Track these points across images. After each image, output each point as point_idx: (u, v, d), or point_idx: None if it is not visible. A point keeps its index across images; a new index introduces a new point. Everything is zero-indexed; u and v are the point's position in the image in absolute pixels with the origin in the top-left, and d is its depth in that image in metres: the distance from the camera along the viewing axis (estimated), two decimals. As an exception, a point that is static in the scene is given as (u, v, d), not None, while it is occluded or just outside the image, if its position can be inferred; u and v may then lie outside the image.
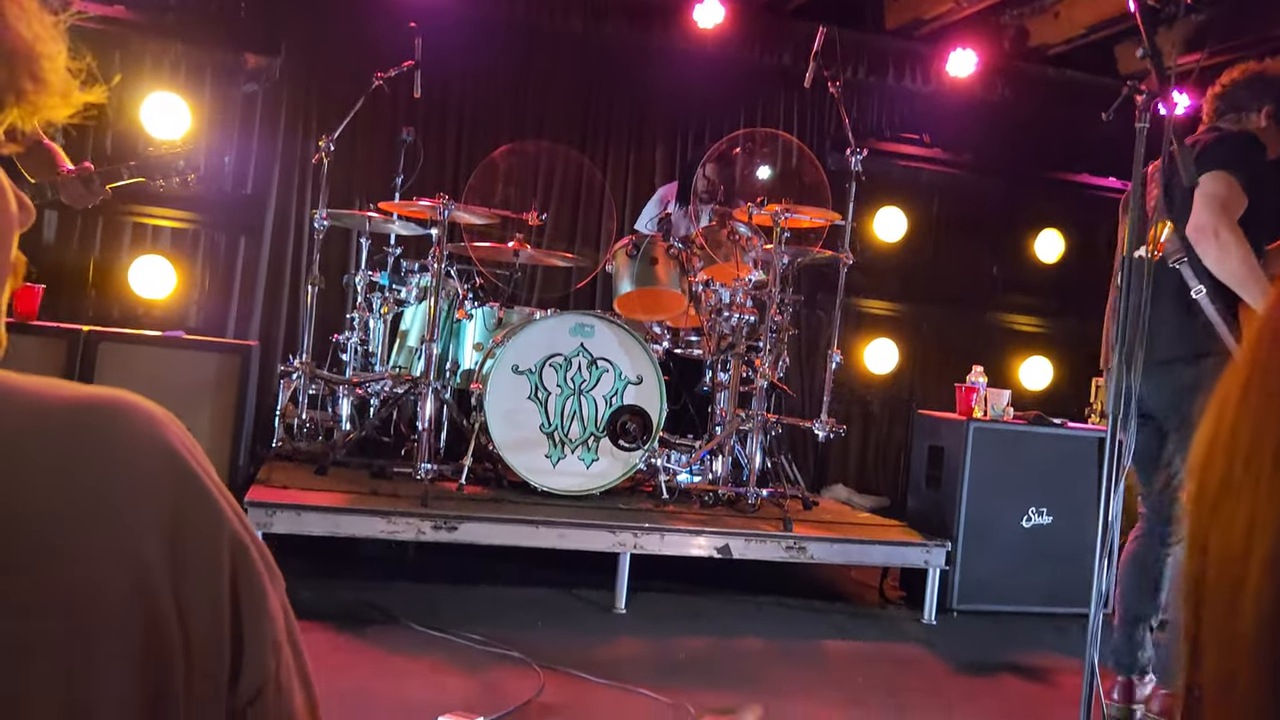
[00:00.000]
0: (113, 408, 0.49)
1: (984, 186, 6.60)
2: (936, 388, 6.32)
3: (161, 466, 0.49)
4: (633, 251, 4.66)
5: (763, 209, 4.48)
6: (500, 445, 4.15)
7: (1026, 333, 6.87)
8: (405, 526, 3.69)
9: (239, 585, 0.49)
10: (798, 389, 6.05)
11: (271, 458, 4.53)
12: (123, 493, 0.47)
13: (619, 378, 4.31)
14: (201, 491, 0.50)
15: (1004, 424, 4.44)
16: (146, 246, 5.48)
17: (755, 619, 4.04)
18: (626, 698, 2.91)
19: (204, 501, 0.49)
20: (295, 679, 0.52)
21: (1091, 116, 2.75)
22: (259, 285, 5.62)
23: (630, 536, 3.88)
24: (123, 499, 0.47)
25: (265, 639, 0.50)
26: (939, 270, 6.66)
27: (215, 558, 0.49)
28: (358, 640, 3.22)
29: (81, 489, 0.46)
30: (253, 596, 0.50)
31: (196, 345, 4.15)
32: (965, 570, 4.29)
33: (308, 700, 0.53)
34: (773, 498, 4.46)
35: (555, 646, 3.27)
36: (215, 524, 0.49)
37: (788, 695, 3.11)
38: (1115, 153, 5.61)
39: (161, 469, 0.49)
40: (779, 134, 5.19)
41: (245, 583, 0.50)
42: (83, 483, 0.46)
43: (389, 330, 5.04)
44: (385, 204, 4.77)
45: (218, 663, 0.48)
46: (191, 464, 0.50)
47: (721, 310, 4.63)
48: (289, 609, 0.54)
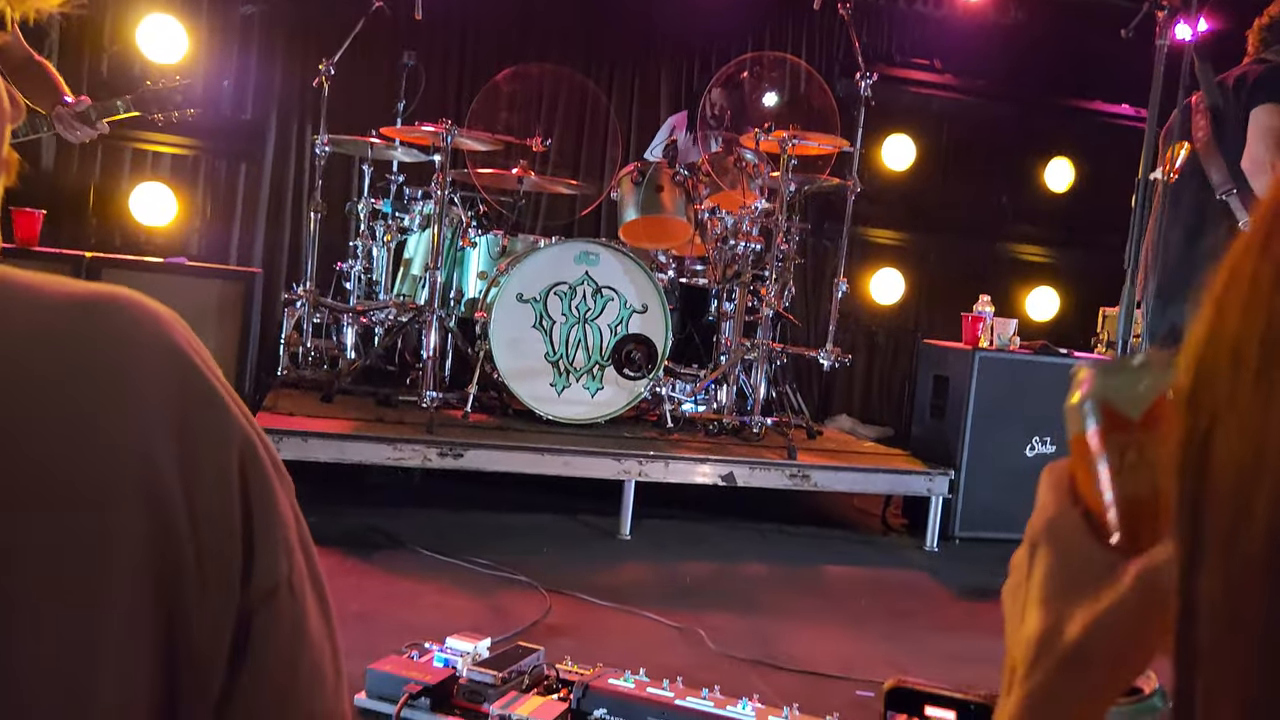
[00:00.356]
0: (116, 305, 0.48)
1: (995, 113, 6.50)
2: (943, 318, 6.29)
3: (168, 365, 0.48)
4: (638, 179, 4.60)
5: (770, 135, 4.42)
6: (505, 374, 4.15)
7: (1034, 263, 6.82)
8: (411, 453, 3.71)
9: (249, 486, 0.48)
10: (803, 318, 6.03)
11: (277, 385, 4.54)
12: (129, 393, 0.46)
13: (624, 306, 4.29)
14: (209, 391, 0.48)
15: (1010, 353, 4.43)
16: (147, 173, 5.43)
17: (759, 545, 4.08)
18: (632, 620, 2.95)
19: (212, 401, 0.48)
20: (307, 581, 0.52)
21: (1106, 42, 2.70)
22: (261, 212, 5.57)
23: (635, 464, 3.90)
24: (129, 399, 0.46)
25: (277, 540, 0.50)
26: (947, 199, 6.59)
27: (224, 458, 0.48)
28: (365, 564, 3.26)
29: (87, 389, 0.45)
30: (263, 497, 0.49)
31: (199, 272, 4.13)
32: (968, 498, 4.32)
33: (320, 602, 0.53)
34: (777, 427, 4.47)
35: (561, 571, 3.30)
36: (224, 424, 0.48)
37: (790, 618, 3.15)
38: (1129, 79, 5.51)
39: (168, 368, 0.47)
40: (787, 58, 5.09)
41: (255, 483, 0.49)
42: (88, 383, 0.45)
43: (392, 258, 5.01)
44: (387, 129, 4.71)
45: (229, 563, 0.47)
46: (198, 363, 0.49)
47: (727, 238, 4.59)
48: (299, 512, 0.53)
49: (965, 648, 3.01)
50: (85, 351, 0.46)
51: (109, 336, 0.46)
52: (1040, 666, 0.50)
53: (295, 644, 0.50)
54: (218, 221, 5.55)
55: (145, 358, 0.47)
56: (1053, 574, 0.52)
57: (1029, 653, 0.51)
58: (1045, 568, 0.53)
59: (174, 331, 0.49)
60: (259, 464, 0.49)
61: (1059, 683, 0.50)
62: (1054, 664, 0.50)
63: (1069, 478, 0.56)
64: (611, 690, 2.10)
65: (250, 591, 0.48)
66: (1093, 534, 0.54)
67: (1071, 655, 0.49)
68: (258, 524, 0.49)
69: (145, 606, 0.45)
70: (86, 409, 0.45)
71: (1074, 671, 0.49)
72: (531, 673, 2.26)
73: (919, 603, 3.51)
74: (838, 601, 3.43)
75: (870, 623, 3.20)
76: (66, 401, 0.44)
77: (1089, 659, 0.49)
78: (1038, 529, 0.55)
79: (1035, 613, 0.52)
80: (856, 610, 3.33)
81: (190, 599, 0.46)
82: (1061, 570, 0.52)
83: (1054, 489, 0.56)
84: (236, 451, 0.48)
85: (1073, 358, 4.49)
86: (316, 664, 0.51)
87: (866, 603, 3.42)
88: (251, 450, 0.49)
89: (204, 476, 0.47)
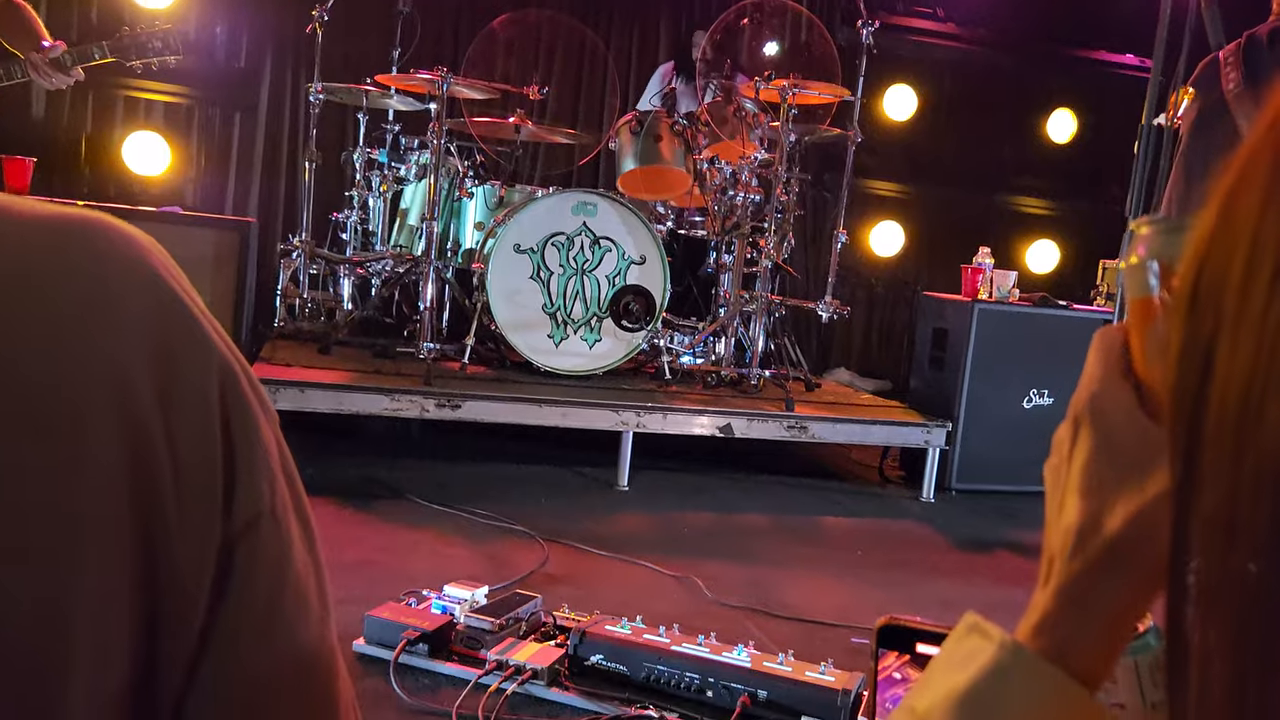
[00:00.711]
0: (91, 228, 0.46)
1: (997, 63, 6.43)
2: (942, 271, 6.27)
3: (145, 290, 0.46)
4: (636, 128, 4.56)
5: (770, 84, 4.36)
6: (503, 325, 4.14)
7: (1035, 215, 6.79)
8: (409, 404, 3.71)
9: (229, 413, 0.47)
10: (802, 270, 6.01)
11: (274, 337, 4.53)
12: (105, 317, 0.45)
13: (622, 257, 4.26)
14: (187, 314, 0.47)
15: (1009, 305, 4.42)
16: (139, 122, 5.37)
17: (756, 496, 4.09)
18: (629, 569, 2.96)
19: (189, 324, 0.47)
20: (291, 511, 0.51)
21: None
22: (256, 162, 5.52)
23: (633, 416, 3.90)
24: (105, 323, 0.44)
25: (259, 469, 0.49)
26: (948, 151, 6.53)
27: (204, 384, 0.47)
28: (363, 514, 3.27)
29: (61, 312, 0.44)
30: (244, 424, 0.48)
31: (194, 221, 4.09)
32: (965, 450, 4.33)
33: (304, 531, 0.52)
34: (775, 379, 4.47)
35: (558, 521, 3.32)
36: (203, 349, 0.47)
37: (787, 567, 3.17)
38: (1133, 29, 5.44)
39: (145, 292, 0.46)
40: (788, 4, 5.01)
41: (235, 410, 0.48)
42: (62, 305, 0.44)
43: (389, 209, 4.97)
44: (382, 77, 4.65)
45: (210, 491, 0.46)
46: (176, 288, 0.47)
47: (726, 189, 4.55)
48: (282, 442, 0.52)
49: (960, 595, 3.04)
50: (58, 274, 0.44)
51: (83, 259, 0.45)
52: (1078, 558, 0.46)
53: (279, 572, 0.49)
54: (212, 171, 5.51)
55: (121, 281, 0.46)
56: (1096, 456, 0.47)
57: (1066, 542, 0.47)
58: (1088, 449, 0.48)
59: (150, 256, 0.48)
60: (239, 391, 0.48)
61: (1096, 578, 0.45)
62: (1092, 557, 0.45)
63: (1122, 345, 0.49)
64: (608, 636, 2.12)
65: (232, 520, 0.47)
66: (1145, 411, 0.47)
67: (1111, 549, 0.45)
68: (239, 452, 0.48)
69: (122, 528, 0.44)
70: (60, 331, 0.43)
71: (1113, 568, 0.45)
72: (529, 619, 2.27)
73: (915, 552, 3.53)
74: (834, 551, 3.45)
75: (866, 572, 3.22)
76: (39, 324, 0.43)
77: (1130, 555, 0.45)
78: (1082, 403, 0.49)
79: (1075, 500, 0.47)
80: (852, 560, 3.35)
81: (171, 523, 0.45)
82: (1106, 452, 0.47)
83: (1104, 357, 0.49)
84: (217, 378, 0.47)
85: (1072, 310, 4.48)
86: (300, 592, 0.50)
87: (862, 553, 3.44)
88: (232, 377, 0.48)
89: (183, 402, 0.46)
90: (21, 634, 0.42)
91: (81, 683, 0.43)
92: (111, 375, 0.44)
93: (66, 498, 0.42)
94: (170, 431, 0.45)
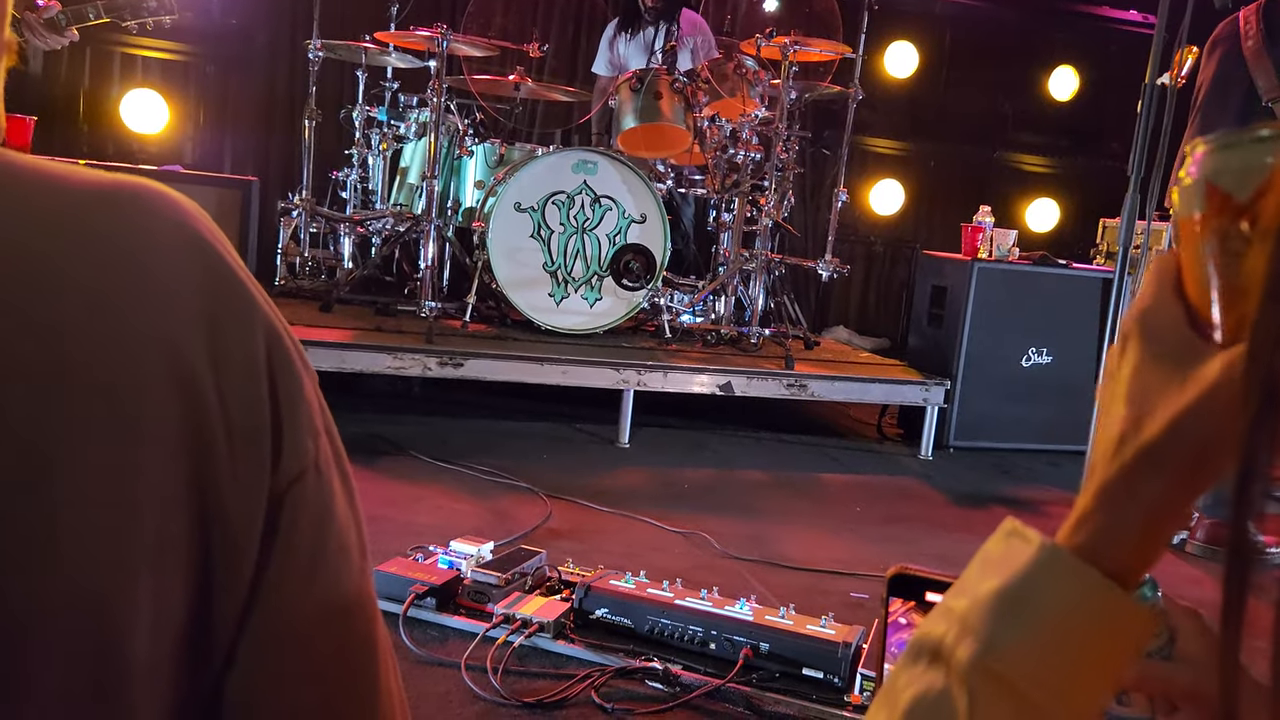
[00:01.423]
0: (136, 194, 0.48)
1: (999, 19, 6.38)
2: (941, 229, 6.28)
3: (192, 255, 0.48)
4: (636, 86, 4.53)
5: (771, 41, 4.34)
6: (504, 284, 4.15)
7: (1035, 173, 6.77)
8: (411, 362, 3.73)
9: (275, 372, 0.50)
10: (802, 229, 6.01)
11: (275, 295, 4.50)
12: (154, 283, 0.46)
13: (622, 216, 4.27)
14: (233, 278, 0.49)
15: (1008, 264, 4.43)
16: (137, 79, 5.34)
17: (756, 452, 4.14)
18: (631, 524, 3.00)
19: (236, 288, 0.49)
20: (333, 464, 0.53)
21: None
22: (255, 120, 5.49)
23: (634, 374, 3.92)
24: (155, 289, 0.46)
25: (303, 424, 0.51)
26: (949, 108, 6.51)
27: (251, 344, 0.49)
28: (368, 470, 3.30)
29: (112, 280, 0.46)
30: (289, 382, 0.50)
31: (195, 179, 4.09)
32: (963, 408, 4.36)
33: (345, 484, 0.54)
34: (775, 337, 4.49)
35: (561, 477, 3.35)
36: (249, 310, 0.49)
37: (787, 522, 3.22)
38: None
39: (192, 257, 0.48)
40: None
41: (281, 369, 0.50)
42: (113, 273, 0.46)
43: (389, 167, 4.96)
44: (381, 34, 4.61)
45: (260, 446, 0.49)
46: (221, 251, 0.49)
47: (726, 147, 4.54)
48: (322, 399, 0.55)
49: (958, 550, 3.09)
50: (107, 242, 0.46)
51: (131, 226, 0.47)
52: (1116, 460, 0.48)
53: (322, 523, 0.52)
54: (211, 129, 5.48)
55: (169, 247, 0.47)
56: (1141, 369, 0.49)
57: (1108, 448, 0.48)
58: (1134, 361, 0.49)
59: (196, 221, 0.49)
60: (284, 350, 0.50)
61: (1134, 479, 0.47)
62: (1129, 459, 0.47)
63: (1175, 267, 0.51)
64: (612, 590, 2.16)
65: (279, 474, 0.49)
66: (1192, 328, 0.49)
67: (1149, 452, 0.46)
68: (285, 409, 0.50)
69: (178, 479, 0.46)
70: (112, 299, 0.45)
71: (1150, 469, 0.47)
72: (534, 574, 2.31)
73: (913, 508, 3.58)
74: (833, 507, 3.50)
75: (865, 527, 3.27)
76: (91, 292, 0.45)
77: (1167, 457, 0.46)
78: (1131, 318, 0.51)
79: (1119, 407, 0.49)
80: (851, 515, 3.39)
81: (224, 479, 0.47)
82: (1151, 364, 0.48)
83: (1157, 278, 0.51)
84: (263, 338, 0.49)
85: (1071, 269, 4.50)
86: (342, 542, 0.53)
87: (861, 508, 3.49)
88: (277, 338, 0.50)
89: (232, 362, 0.48)
90: (86, 597, 0.44)
91: (143, 640, 0.46)
92: (165, 340, 0.46)
93: (128, 460, 0.45)
94: (222, 393, 0.47)
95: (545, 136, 5.54)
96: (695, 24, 5.17)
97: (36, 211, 0.46)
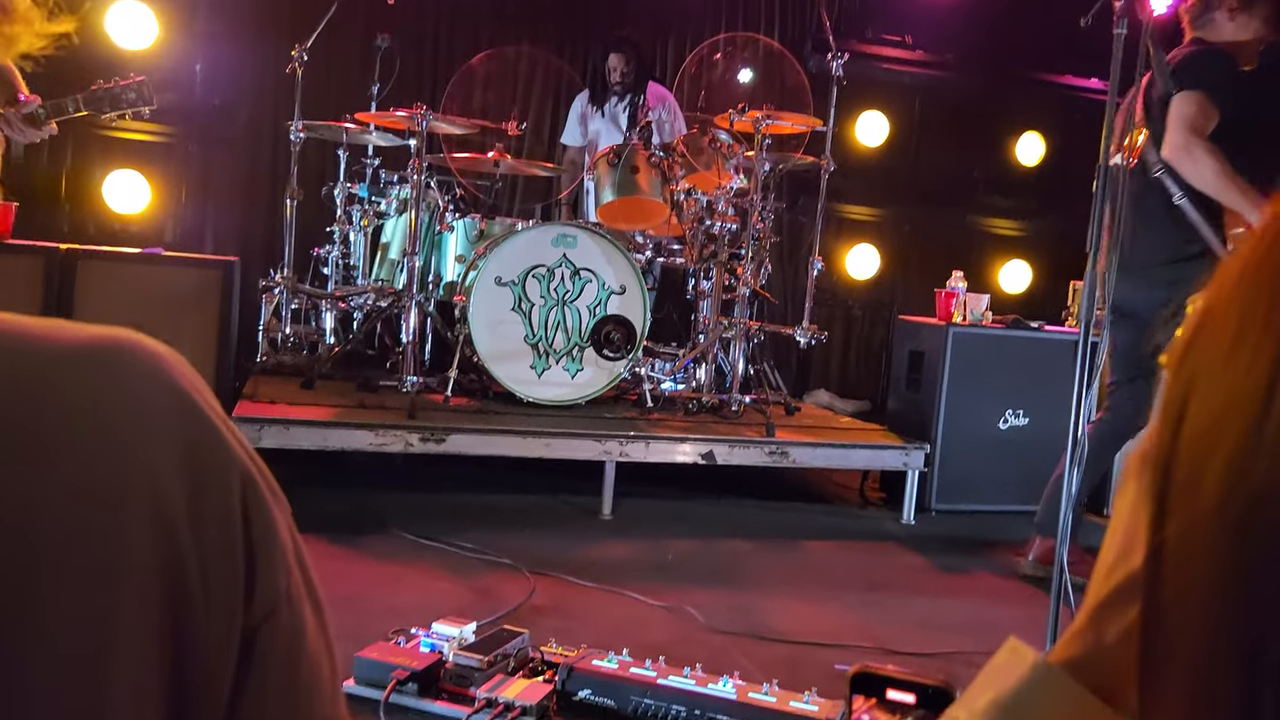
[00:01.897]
0: (121, 348, 0.51)
1: (966, 88, 6.54)
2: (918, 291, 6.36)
3: (173, 405, 0.51)
4: (614, 160, 4.62)
5: (744, 116, 4.44)
6: (485, 357, 4.19)
7: (1007, 236, 6.89)
8: (393, 439, 3.74)
9: (249, 513, 0.52)
10: (780, 295, 6.07)
11: (257, 372, 4.55)
12: (140, 433, 0.49)
13: (602, 288, 4.32)
14: (211, 428, 0.52)
15: (982, 328, 4.50)
16: (119, 160, 5.40)
17: (739, 521, 4.14)
18: (616, 599, 3.00)
19: (214, 437, 0.52)
20: (304, 596, 0.56)
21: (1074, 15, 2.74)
22: (236, 198, 5.55)
23: (616, 445, 3.94)
24: (140, 439, 0.49)
25: (276, 562, 0.53)
26: (920, 174, 6.64)
27: (226, 488, 0.51)
28: (351, 548, 3.29)
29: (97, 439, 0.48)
30: (262, 523, 0.53)
31: (176, 262, 4.12)
32: (943, 471, 4.39)
33: (316, 613, 0.57)
34: (755, 404, 4.53)
35: (544, 552, 3.35)
36: (225, 458, 0.52)
37: (772, 592, 3.22)
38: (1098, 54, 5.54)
39: (173, 407, 0.51)
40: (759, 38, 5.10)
41: (255, 511, 0.53)
42: (98, 432, 0.48)
43: (370, 243, 5.02)
44: (362, 114, 4.70)
45: (233, 585, 0.51)
46: (199, 401, 0.52)
47: (703, 218, 4.62)
48: (295, 531, 0.57)
49: (940, 615, 3.10)
50: (92, 401, 0.49)
51: (113, 387, 0.50)
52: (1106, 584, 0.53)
53: (295, 654, 0.54)
54: (193, 208, 5.53)
55: (150, 404, 0.50)
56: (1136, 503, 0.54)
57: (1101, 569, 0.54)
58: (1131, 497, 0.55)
59: (177, 374, 0.52)
60: (258, 492, 0.53)
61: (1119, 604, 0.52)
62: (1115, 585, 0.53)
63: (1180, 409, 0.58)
64: (595, 671, 2.16)
65: (252, 611, 0.52)
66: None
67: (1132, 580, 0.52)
68: (259, 550, 0.52)
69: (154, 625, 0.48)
70: (100, 451, 0.48)
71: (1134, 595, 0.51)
72: (517, 655, 2.31)
73: (896, 573, 3.59)
74: (817, 574, 3.50)
75: (849, 594, 3.27)
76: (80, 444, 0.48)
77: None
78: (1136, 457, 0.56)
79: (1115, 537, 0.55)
80: (835, 582, 3.40)
81: (199, 620, 0.50)
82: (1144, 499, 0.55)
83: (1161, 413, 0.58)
84: (238, 482, 0.52)
85: (1044, 331, 4.57)
86: (314, 671, 0.55)
87: (845, 575, 3.50)
88: (251, 480, 0.53)
89: (208, 506, 0.50)
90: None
91: None
92: (146, 489, 0.49)
93: (106, 602, 0.47)
94: (199, 536, 0.50)
95: (525, 210, 5.61)
96: (661, 97, 5.31)
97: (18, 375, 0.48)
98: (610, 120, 5.31)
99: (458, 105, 4.71)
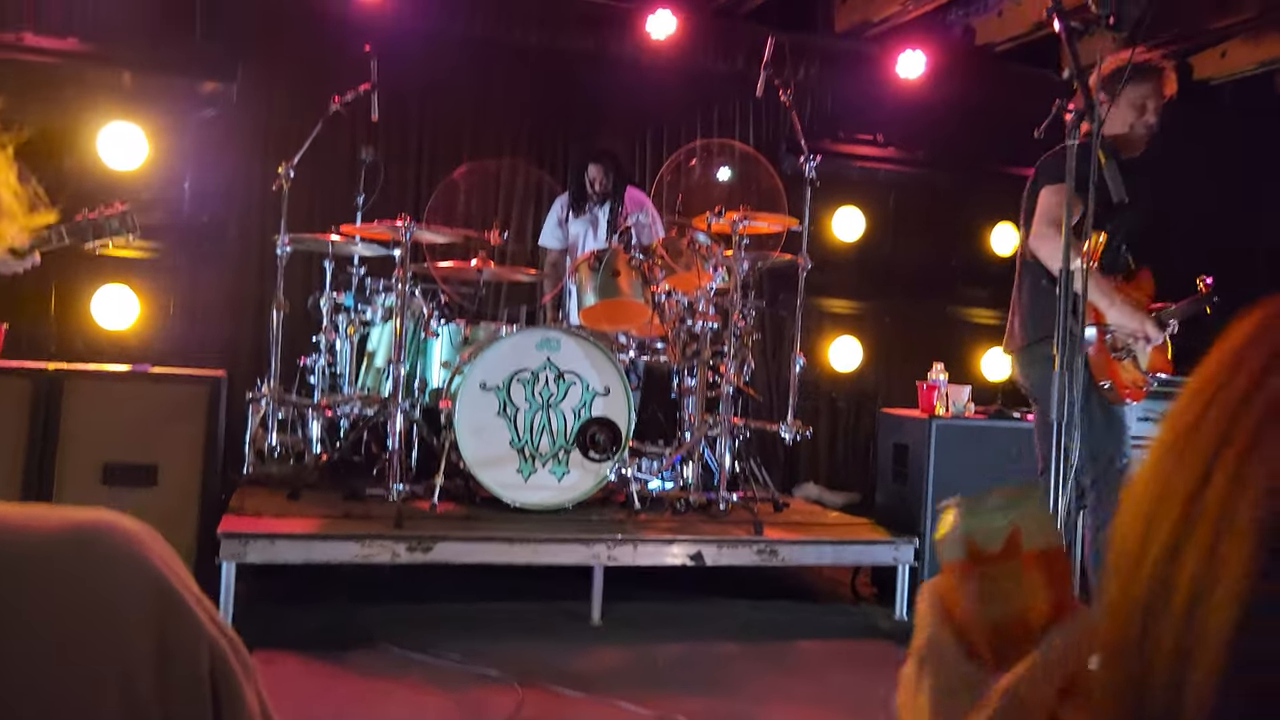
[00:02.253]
0: (98, 532, 0.54)
1: (939, 182, 6.72)
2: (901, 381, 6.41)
3: (146, 585, 0.54)
4: (595, 264, 4.71)
5: (721, 218, 4.55)
6: (471, 462, 4.20)
7: (985, 325, 6.99)
8: (380, 549, 3.72)
9: (218, 685, 0.55)
10: (764, 389, 6.13)
11: (243, 483, 4.54)
12: (113, 619, 0.52)
13: (586, 390, 4.36)
14: (181, 605, 0.55)
15: (965, 420, 4.54)
16: (108, 275, 5.46)
17: (730, 623, 4.11)
18: (605, 709, 2.97)
19: (184, 615, 0.55)
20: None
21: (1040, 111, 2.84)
22: (224, 311, 5.62)
23: (604, 549, 3.93)
24: (113, 625, 0.52)
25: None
26: (898, 266, 6.77)
27: (196, 664, 0.54)
28: (335, 664, 3.26)
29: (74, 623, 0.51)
30: (230, 692, 0.55)
31: (163, 379, 4.14)
32: (934, 565, 4.37)
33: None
34: (743, 502, 4.53)
35: (533, 661, 3.32)
36: (195, 635, 0.55)
37: (762, 699, 3.18)
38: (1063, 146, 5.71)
39: (146, 588, 0.54)
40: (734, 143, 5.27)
41: (223, 682, 0.55)
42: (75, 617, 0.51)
43: (356, 351, 5.06)
44: (347, 227, 4.80)
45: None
46: (172, 580, 0.55)
47: (685, 318, 4.69)
48: (261, 691, 0.59)
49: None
50: (70, 587, 0.52)
51: (93, 571, 0.53)
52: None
53: None
54: (180, 322, 5.59)
55: (127, 587, 0.53)
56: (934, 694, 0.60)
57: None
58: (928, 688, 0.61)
59: (149, 551, 0.55)
60: (227, 665, 0.56)
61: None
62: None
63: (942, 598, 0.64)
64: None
65: None
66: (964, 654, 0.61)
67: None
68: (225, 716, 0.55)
69: None
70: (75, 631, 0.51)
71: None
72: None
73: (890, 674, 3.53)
74: (809, 678, 3.47)
75: (842, 698, 3.24)
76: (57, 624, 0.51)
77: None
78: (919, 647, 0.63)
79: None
80: (829, 686, 3.37)
81: None
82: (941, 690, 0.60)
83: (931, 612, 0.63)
84: (206, 655, 0.55)
85: (1026, 421, 4.60)
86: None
87: (839, 678, 3.46)
88: (220, 654, 0.55)
89: (179, 683, 0.53)
90: None
91: None
92: (120, 674, 0.51)
93: None
94: (168, 710, 0.52)
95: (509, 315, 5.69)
96: (638, 201, 5.44)
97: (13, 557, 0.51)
98: (589, 224, 5.43)
99: (441, 215, 4.82)
